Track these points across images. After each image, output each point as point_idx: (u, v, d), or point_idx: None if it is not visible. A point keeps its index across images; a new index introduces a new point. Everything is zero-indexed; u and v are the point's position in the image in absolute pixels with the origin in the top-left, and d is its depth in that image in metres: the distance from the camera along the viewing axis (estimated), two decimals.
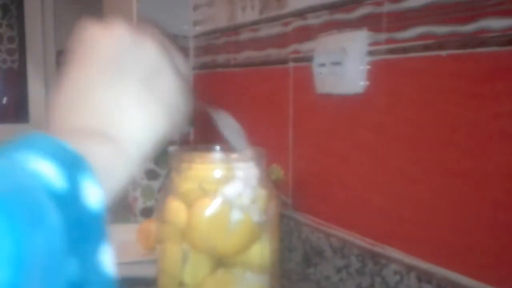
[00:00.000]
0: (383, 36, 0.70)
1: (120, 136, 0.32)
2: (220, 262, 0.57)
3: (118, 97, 0.33)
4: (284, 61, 0.93)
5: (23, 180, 0.22)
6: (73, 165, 0.25)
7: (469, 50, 0.58)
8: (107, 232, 0.25)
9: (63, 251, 0.23)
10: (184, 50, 1.33)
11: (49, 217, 0.22)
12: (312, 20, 0.85)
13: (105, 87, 0.33)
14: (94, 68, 0.34)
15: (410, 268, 0.66)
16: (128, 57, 0.34)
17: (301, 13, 0.88)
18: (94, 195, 0.25)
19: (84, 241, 0.24)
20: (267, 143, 1.01)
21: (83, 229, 0.24)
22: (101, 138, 0.31)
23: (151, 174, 1.12)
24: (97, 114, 0.32)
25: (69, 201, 0.24)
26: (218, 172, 0.58)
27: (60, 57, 2.05)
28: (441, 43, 0.61)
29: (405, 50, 0.67)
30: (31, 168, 0.23)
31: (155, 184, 1.13)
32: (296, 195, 0.92)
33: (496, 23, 0.55)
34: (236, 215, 0.56)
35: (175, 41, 0.38)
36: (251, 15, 1.04)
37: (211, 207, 0.56)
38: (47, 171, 0.24)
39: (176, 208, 0.59)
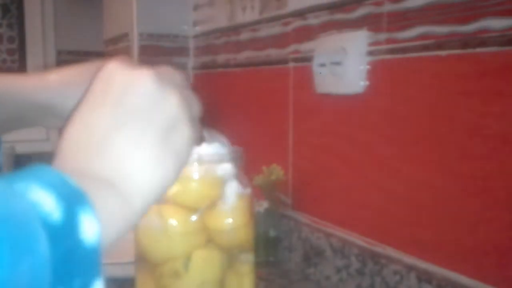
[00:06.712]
0: (383, 36, 0.70)
1: (127, 188, 0.31)
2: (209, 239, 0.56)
3: (133, 147, 0.32)
4: (284, 61, 0.93)
5: (17, 208, 0.22)
6: (73, 198, 0.25)
7: (469, 50, 0.58)
8: (101, 268, 0.25)
9: (50, 282, 0.22)
10: (184, 50, 1.33)
11: (39, 247, 0.22)
12: (312, 20, 0.85)
13: (120, 134, 0.32)
14: (112, 111, 0.32)
15: (410, 268, 0.66)
16: (150, 107, 0.33)
17: (301, 13, 0.88)
18: (91, 231, 0.25)
19: (75, 275, 0.24)
20: (267, 143, 1.01)
21: (75, 262, 0.24)
22: (107, 188, 0.30)
23: None
24: (108, 160, 0.31)
25: (63, 233, 0.24)
26: (195, 172, 0.56)
27: (60, 57, 2.05)
28: (441, 43, 0.61)
29: (405, 50, 0.67)
30: (29, 197, 0.23)
31: None
32: (296, 195, 0.92)
33: (496, 23, 0.55)
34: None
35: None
36: (251, 15, 1.04)
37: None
38: (45, 201, 0.24)
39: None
